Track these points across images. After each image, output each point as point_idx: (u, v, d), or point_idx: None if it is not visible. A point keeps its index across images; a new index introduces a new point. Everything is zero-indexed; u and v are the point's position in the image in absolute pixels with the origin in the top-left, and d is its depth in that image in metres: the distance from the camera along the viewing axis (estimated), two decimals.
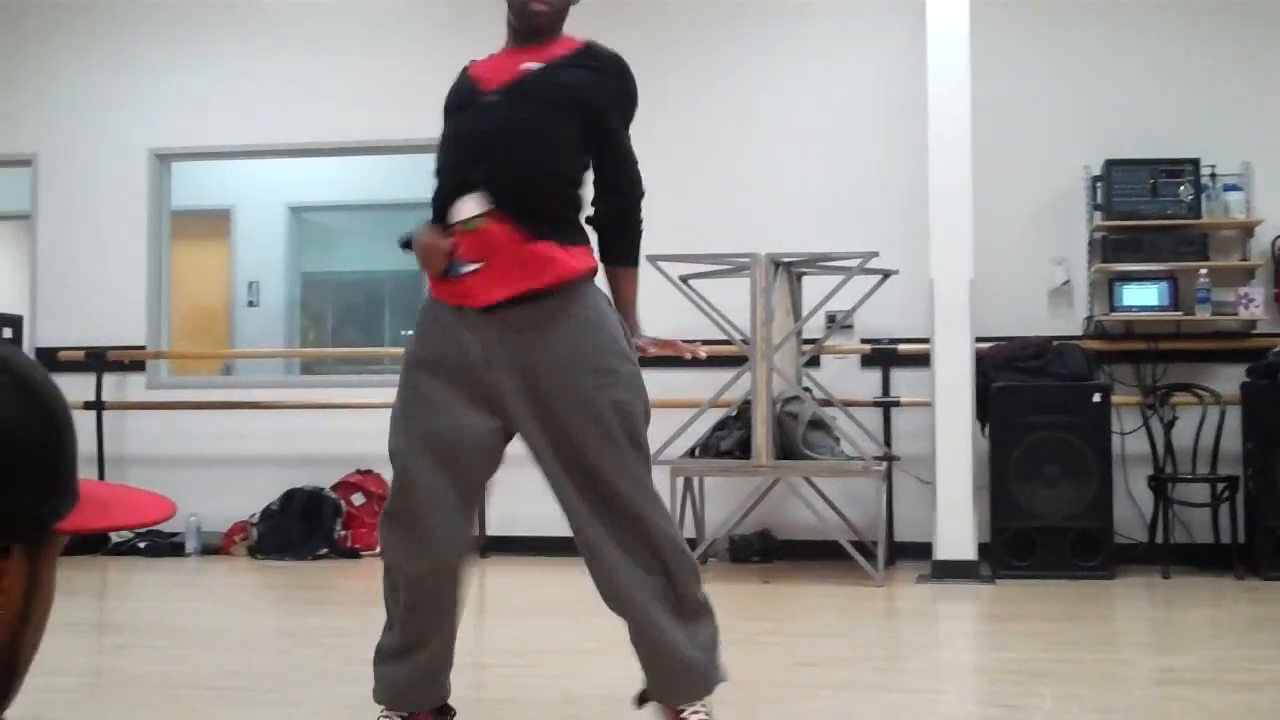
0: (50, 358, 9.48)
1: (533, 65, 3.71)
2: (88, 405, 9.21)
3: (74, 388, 9.25)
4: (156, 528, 9.13)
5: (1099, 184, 8.24)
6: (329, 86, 9.34)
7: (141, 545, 8.94)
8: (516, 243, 3.50)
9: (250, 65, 9.47)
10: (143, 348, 9.50)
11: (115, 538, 9.03)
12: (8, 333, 8.76)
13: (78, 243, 9.50)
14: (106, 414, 9.29)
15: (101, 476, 9.11)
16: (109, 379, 9.41)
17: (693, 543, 7.86)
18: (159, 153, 9.47)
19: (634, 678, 5.06)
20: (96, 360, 9.34)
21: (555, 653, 5.61)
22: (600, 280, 3.75)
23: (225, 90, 9.44)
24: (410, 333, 3.85)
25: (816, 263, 8.02)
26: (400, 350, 11.40)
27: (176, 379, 9.79)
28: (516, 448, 3.85)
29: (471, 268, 3.53)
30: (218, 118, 9.47)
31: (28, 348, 9.69)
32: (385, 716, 3.87)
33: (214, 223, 11.96)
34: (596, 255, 3.73)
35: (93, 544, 8.93)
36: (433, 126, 9.22)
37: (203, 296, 12.02)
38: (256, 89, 9.43)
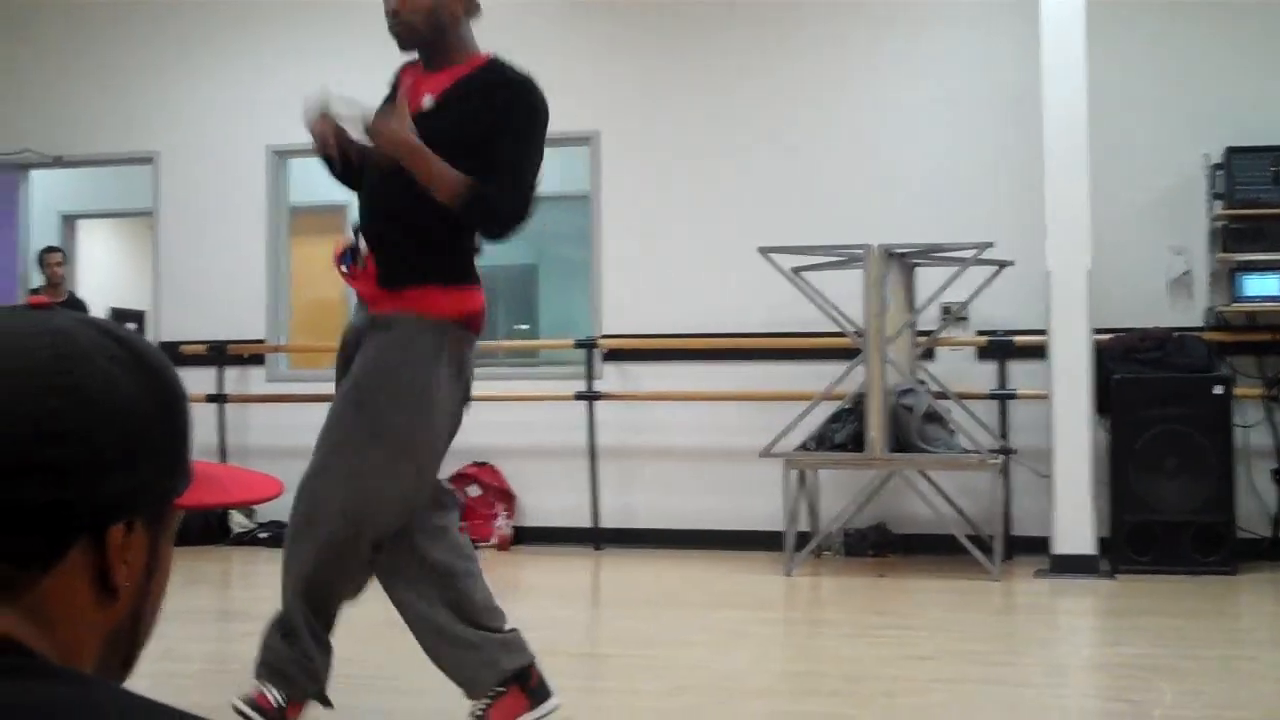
0: (173, 352, 9.66)
1: (427, 101, 3.86)
2: (210, 398, 9.39)
3: (196, 381, 9.42)
4: (277, 519, 9.28)
5: (1219, 172, 8.07)
6: None
7: (263, 535, 9.08)
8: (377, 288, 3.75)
9: (364, 60, 9.57)
10: (262, 341, 9.65)
11: (237, 528, 9.19)
12: (131, 328, 8.88)
13: (199, 239, 9.67)
14: (228, 406, 9.46)
15: None
16: (230, 372, 9.58)
17: (807, 536, 7.86)
18: (277, 149, 9.61)
19: (744, 670, 5.07)
20: (218, 354, 9.51)
21: (668, 644, 5.62)
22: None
23: (339, 86, 9.54)
24: (520, 327, 4.01)
25: (930, 254, 7.95)
26: (513, 344, 11.44)
27: (295, 372, 9.92)
28: (638, 443, 3.86)
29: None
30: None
31: (151, 342, 9.88)
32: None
33: (331, 218, 12.11)
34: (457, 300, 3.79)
35: (215, 534, 9.10)
36: (552, 121, 9.24)
37: (320, 291, 12.17)
38: (370, 84, 9.52)
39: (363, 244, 3.81)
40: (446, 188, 3.62)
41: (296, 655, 3.82)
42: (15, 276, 10.06)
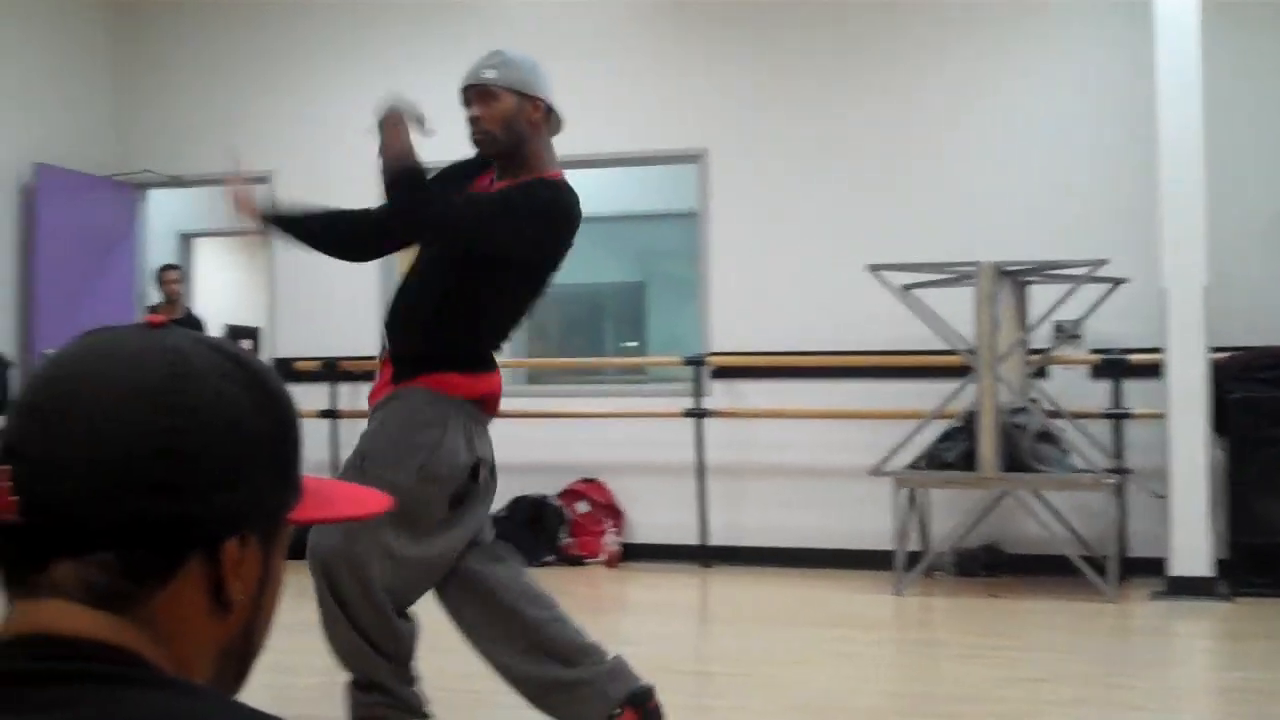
0: (287, 367, 9.81)
1: None
2: (323, 414, 9.51)
3: (309, 397, 9.54)
4: None
5: None
6: (560, 101, 9.45)
7: None
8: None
9: None
10: (374, 358, 9.72)
11: None
12: (246, 344, 9.06)
13: (314, 256, 9.75)
14: (341, 422, 9.57)
15: None
16: (343, 388, 9.69)
17: (917, 555, 7.80)
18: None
19: (853, 690, 5.03)
20: (330, 370, 9.63)
21: (776, 663, 5.60)
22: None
23: (451, 108, 9.63)
24: (628, 344, 4.04)
25: (1042, 271, 7.86)
26: (622, 361, 11.46)
27: None
28: (747, 461, 3.86)
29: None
30: (444, 135, 9.65)
31: (266, 358, 10.03)
32: None
33: None
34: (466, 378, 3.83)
35: None
36: (651, 139, 9.30)
37: None
38: None
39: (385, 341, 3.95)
40: (394, 155, 3.76)
41: (383, 699, 3.90)
42: (134, 294, 10.26)
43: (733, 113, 9.11)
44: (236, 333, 16.76)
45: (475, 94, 3.95)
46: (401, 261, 9.95)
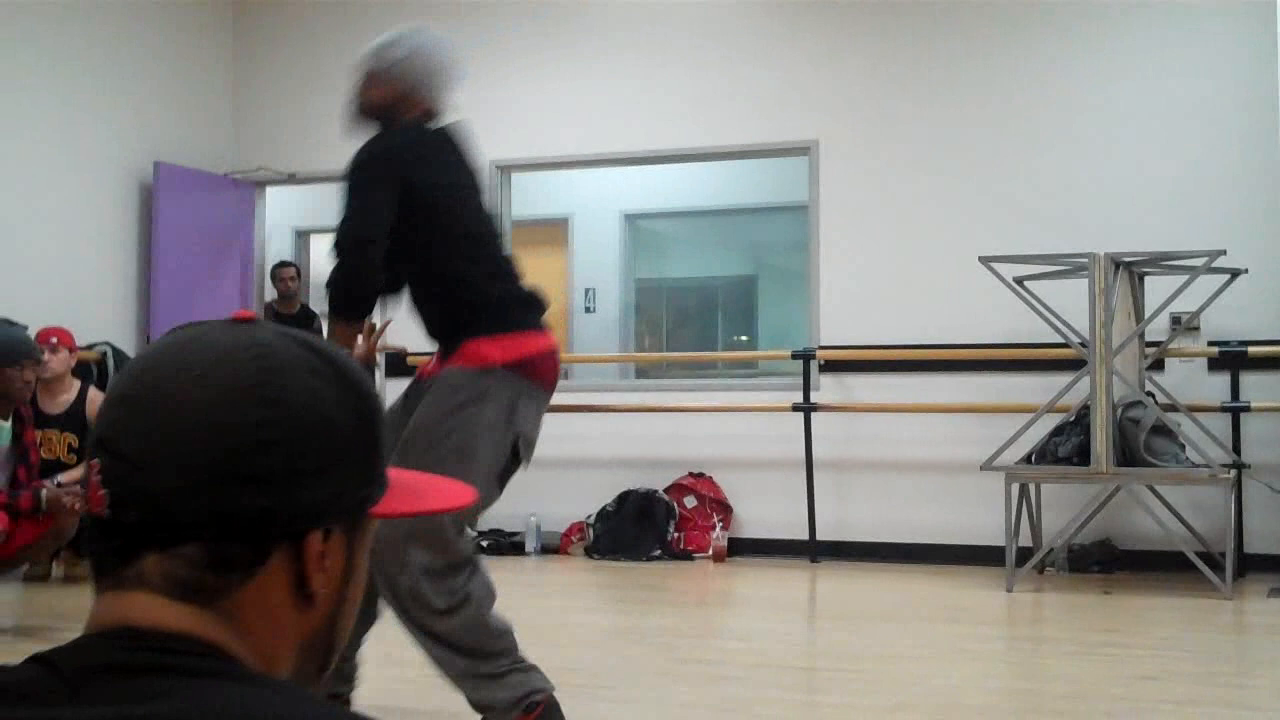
0: (400, 361, 9.88)
1: None
2: None
3: None
4: (498, 526, 9.44)
5: None
6: (662, 94, 9.48)
7: (484, 544, 9.23)
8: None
9: (585, 76, 9.70)
10: None
11: None
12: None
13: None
14: None
15: None
16: None
17: (1028, 551, 7.70)
18: (500, 164, 9.77)
19: (963, 687, 4.98)
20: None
21: (885, 659, 5.56)
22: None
23: (561, 101, 9.69)
24: (739, 338, 4.03)
25: (1159, 262, 7.73)
26: (729, 355, 11.47)
27: None
28: (856, 456, 3.82)
29: None
30: (554, 129, 9.72)
31: (382, 352, 10.11)
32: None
33: (552, 231, 12.30)
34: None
35: None
36: (761, 132, 9.28)
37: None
38: (591, 99, 9.65)
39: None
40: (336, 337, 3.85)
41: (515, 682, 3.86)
42: (250, 290, 10.42)
43: (843, 104, 9.06)
44: None
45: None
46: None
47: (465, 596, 3.82)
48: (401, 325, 4.58)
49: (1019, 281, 7.86)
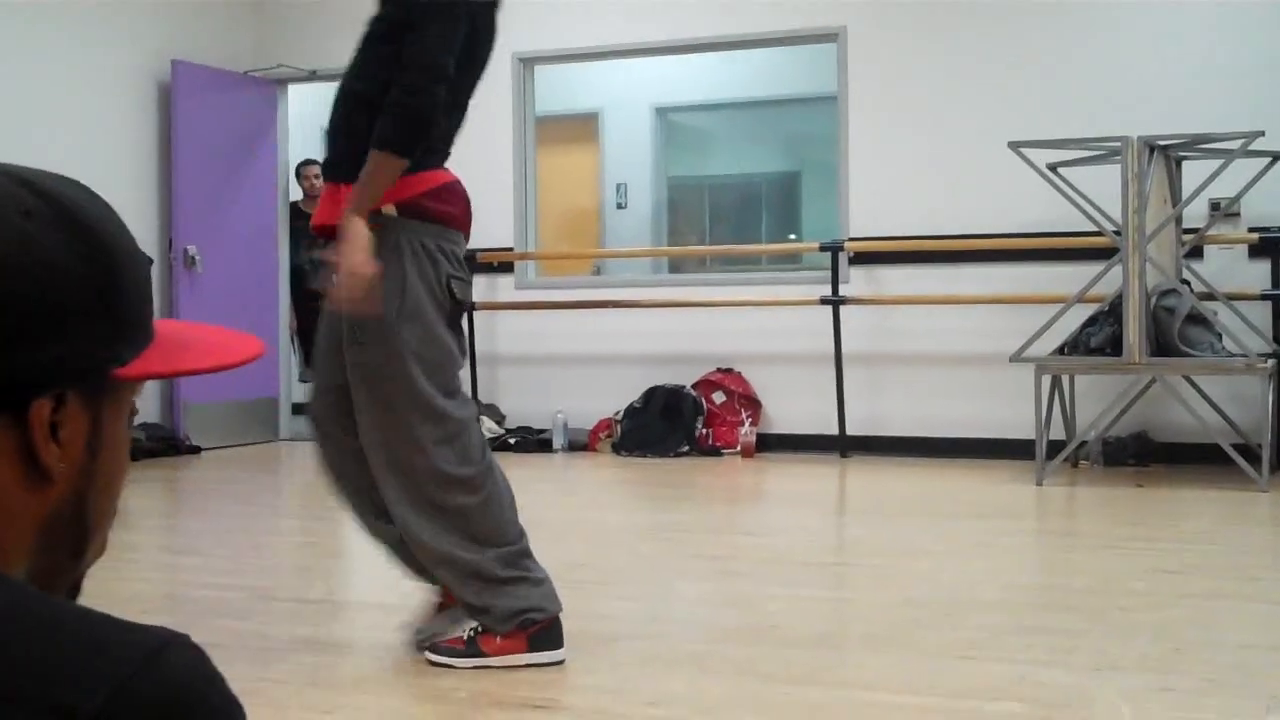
0: None
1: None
2: None
3: None
4: (526, 424, 9.34)
5: None
6: None
7: (512, 441, 9.15)
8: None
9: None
10: (511, 249, 9.67)
11: (486, 434, 9.24)
12: None
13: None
14: (477, 314, 9.52)
15: (474, 374, 9.37)
16: (479, 280, 9.62)
17: (1060, 444, 7.51)
18: (522, 56, 9.56)
19: (977, 582, 4.84)
20: (468, 261, 9.55)
21: (904, 554, 5.42)
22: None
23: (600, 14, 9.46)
24: (790, 235, 3.82)
25: (1195, 145, 7.46)
26: (755, 248, 11.20)
27: (543, 280, 9.95)
28: (886, 349, 3.67)
29: None
30: (580, 19, 9.50)
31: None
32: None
33: (583, 126, 12.09)
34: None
35: None
36: (790, 19, 9.00)
37: (569, 199, 12.18)
38: (609, 24, 9.42)
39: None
40: (377, 176, 3.58)
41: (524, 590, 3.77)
42: (276, 190, 10.29)
43: None
44: None
45: None
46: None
47: (488, 467, 3.73)
48: None
49: (1051, 168, 7.62)
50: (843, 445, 8.59)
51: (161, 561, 5.66)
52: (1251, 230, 7.89)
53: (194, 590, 4.96)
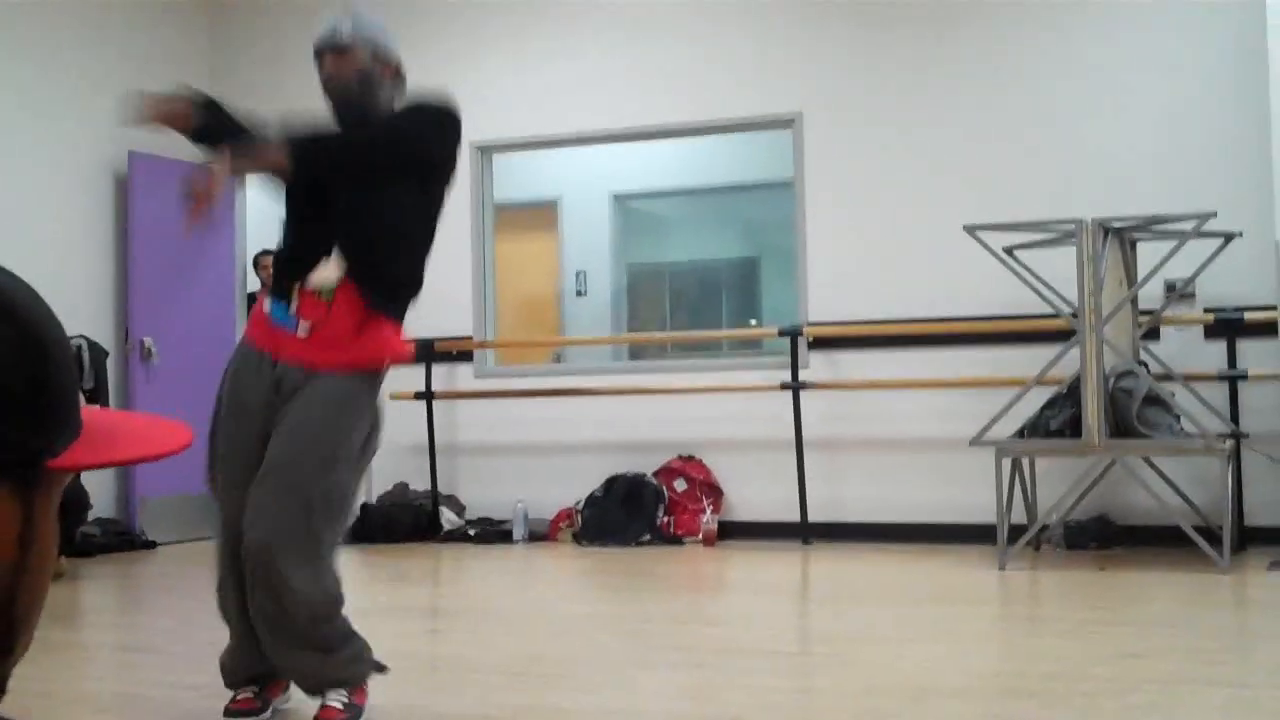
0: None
1: None
2: (418, 395, 9.41)
3: (405, 379, 9.45)
4: (487, 515, 9.27)
5: None
6: (644, 70, 9.29)
7: (471, 532, 9.07)
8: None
9: (566, 53, 9.50)
10: (469, 338, 9.65)
11: (447, 525, 9.18)
12: None
13: None
14: (436, 403, 9.47)
15: (433, 464, 9.31)
16: (438, 369, 9.59)
17: (1022, 528, 7.49)
18: (481, 145, 9.58)
19: (942, 669, 4.80)
20: (426, 351, 9.51)
21: (868, 641, 5.38)
22: None
23: (542, 79, 9.50)
24: (751, 321, 4.03)
25: (1149, 226, 7.51)
26: (714, 334, 11.17)
27: (503, 368, 9.91)
28: (846, 434, 3.64)
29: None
30: (538, 108, 9.54)
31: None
32: None
33: (542, 213, 12.11)
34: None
35: (425, 531, 9.12)
36: (746, 105, 9.04)
37: (533, 286, 12.18)
38: (572, 76, 9.46)
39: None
40: (269, 160, 3.86)
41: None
42: (233, 279, 10.25)
43: (826, 75, 8.86)
44: None
45: (330, 55, 4.08)
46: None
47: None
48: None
49: (1008, 251, 7.67)
50: (805, 532, 8.55)
51: (115, 659, 5.57)
52: (1207, 310, 7.94)
53: (149, 689, 4.86)
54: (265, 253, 10.58)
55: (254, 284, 10.61)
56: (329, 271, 3.88)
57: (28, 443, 0.96)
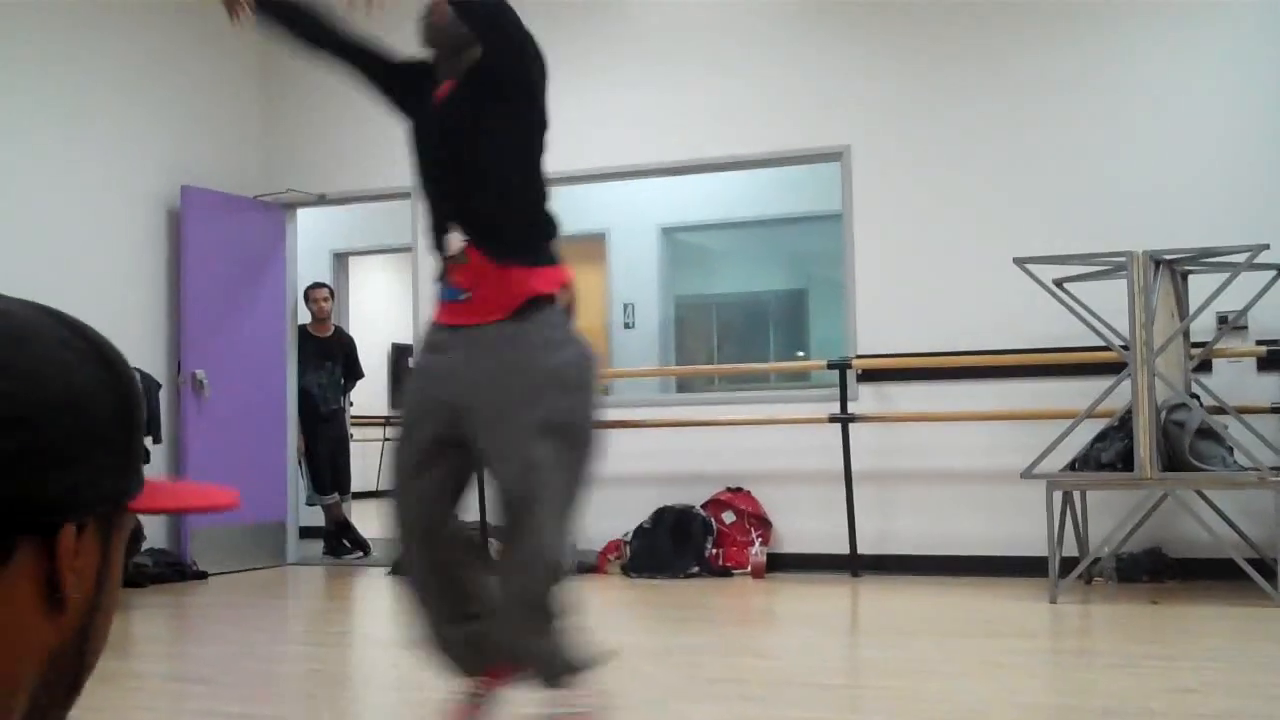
0: None
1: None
2: None
3: None
4: None
5: None
6: (693, 104, 9.32)
7: None
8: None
9: (616, 86, 9.55)
10: None
11: (495, 554, 9.18)
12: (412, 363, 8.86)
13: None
14: None
15: (481, 497, 9.31)
16: None
17: (1073, 560, 7.44)
18: None
19: (992, 703, 4.77)
20: None
21: (917, 674, 5.35)
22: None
23: (592, 113, 9.54)
24: (798, 353, 4.01)
25: (1200, 259, 7.47)
26: (763, 366, 11.20)
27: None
28: (896, 467, 3.65)
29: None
30: (585, 141, 9.58)
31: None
32: None
33: (590, 246, 12.16)
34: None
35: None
36: (794, 139, 9.04)
37: (580, 319, 12.19)
38: (622, 110, 9.50)
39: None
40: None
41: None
42: (285, 314, 10.32)
43: (874, 108, 8.86)
44: (400, 350, 16.91)
45: None
46: None
47: None
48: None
49: (1058, 283, 7.64)
50: (854, 564, 8.52)
51: (167, 690, 5.60)
52: (1259, 343, 7.89)
53: (199, 719, 4.89)
54: (316, 285, 10.69)
55: (305, 316, 10.69)
56: (455, 236, 3.92)
57: (114, 482, 1.00)
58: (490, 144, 3.88)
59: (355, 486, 11.53)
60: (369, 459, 14.89)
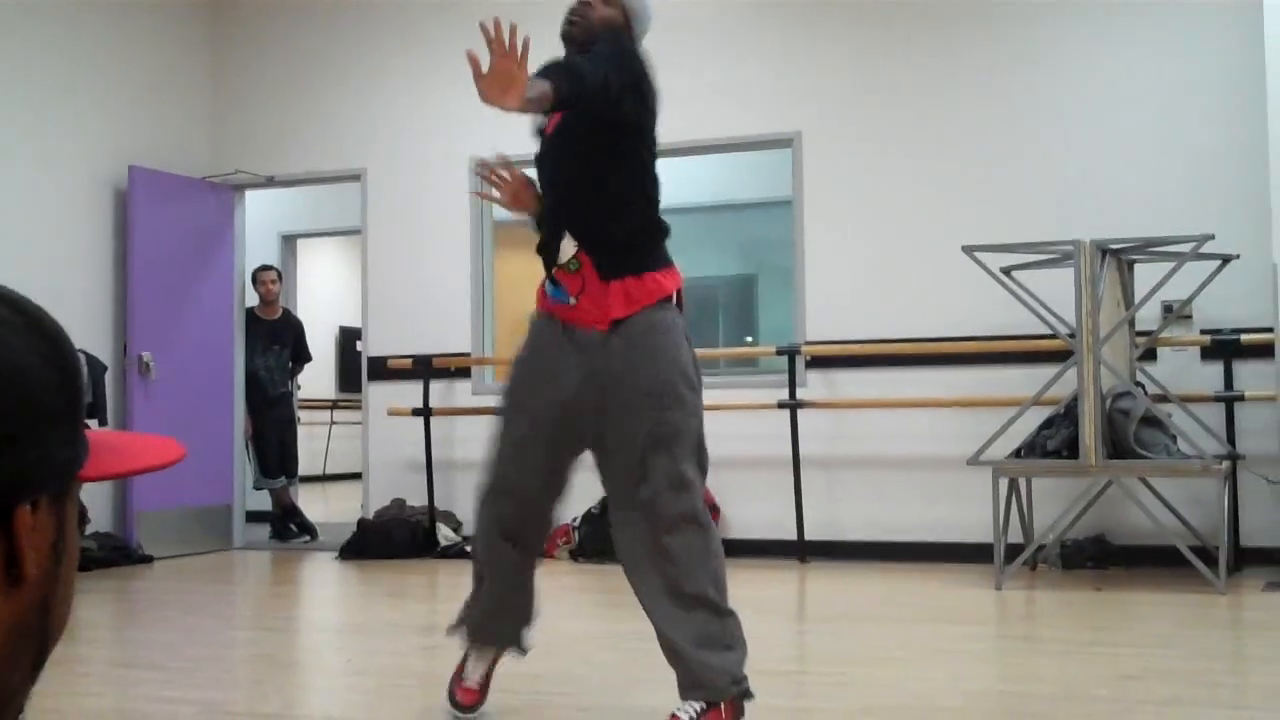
0: (380, 365, 9.76)
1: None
2: (415, 411, 9.42)
3: (403, 395, 9.49)
4: None
5: None
6: None
7: (468, 549, 9.04)
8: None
9: None
10: (468, 354, 9.66)
11: (444, 541, 9.20)
12: (361, 346, 8.82)
13: (405, 254, 9.74)
14: (434, 420, 9.48)
15: (430, 480, 9.31)
16: (436, 386, 9.61)
17: (1018, 547, 7.51)
18: (478, 162, 9.58)
19: (939, 689, 4.81)
20: (424, 367, 9.53)
21: (864, 661, 5.39)
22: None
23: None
24: (747, 339, 4.09)
25: (1146, 248, 7.54)
26: (712, 353, 11.23)
27: (501, 384, 9.90)
28: (844, 453, 3.69)
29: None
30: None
31: (364, 356, 9.98)
32: None
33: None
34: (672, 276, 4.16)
35: (421, 547, 9.13)
36: (745, 125, 9.05)
37: (531, 303, 12.18)
38: None
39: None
40: (541, 96, 3.87)
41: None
42: (232, 296, 10.26)
43: (825, 95, 8.89)
44: (347, 333, 16.84)
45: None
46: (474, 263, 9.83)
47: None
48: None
49: (1005, 272, 7.69)
50: (801, 550, 8.56)
51: (113, 675, 5.56)
52: (1204, 332, 7.98)
53: (146, 705, 4.86)
54: (264, 268, 10.63)
55: (253, 299, 10.63)
56: (567, 245, 4.06)
57: (63, 455, 0.98)
58: (597, 170, 4.03)
59: (302, 470, 11.49)
60: (316, 443, 14.84)
